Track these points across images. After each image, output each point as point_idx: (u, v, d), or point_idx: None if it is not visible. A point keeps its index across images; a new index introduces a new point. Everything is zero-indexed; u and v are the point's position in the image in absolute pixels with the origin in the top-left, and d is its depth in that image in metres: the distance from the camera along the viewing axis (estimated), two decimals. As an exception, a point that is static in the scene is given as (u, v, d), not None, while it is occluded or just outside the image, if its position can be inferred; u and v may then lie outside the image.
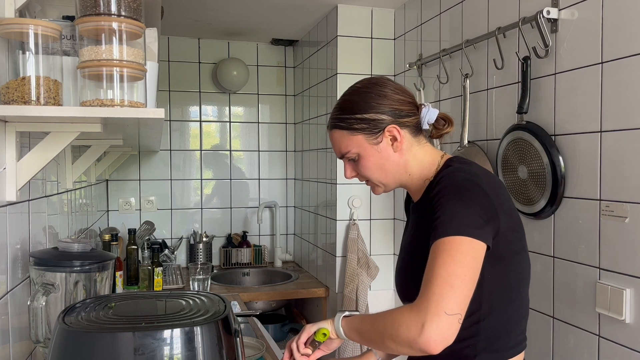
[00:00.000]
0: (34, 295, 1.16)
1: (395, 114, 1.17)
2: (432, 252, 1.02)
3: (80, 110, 0.96)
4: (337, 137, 1.21)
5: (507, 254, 1.10)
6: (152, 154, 3.37)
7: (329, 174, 2.88)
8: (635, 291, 1.42)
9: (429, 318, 0.96)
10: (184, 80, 3.42)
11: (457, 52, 2.17)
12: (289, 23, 3.10)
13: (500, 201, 1.08)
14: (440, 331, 0.96)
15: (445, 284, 0.97)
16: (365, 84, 1.21)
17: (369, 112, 1.16)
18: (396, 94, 1.18)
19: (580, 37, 1.60)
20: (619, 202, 1.46)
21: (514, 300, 1.14)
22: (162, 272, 2.69)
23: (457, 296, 0.97)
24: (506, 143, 1.83)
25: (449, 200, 1.05)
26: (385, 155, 1.18)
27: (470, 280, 0.99)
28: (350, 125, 1.17)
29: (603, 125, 1.51)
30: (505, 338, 1.12)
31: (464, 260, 0.99)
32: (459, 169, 1.14)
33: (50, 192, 1.60)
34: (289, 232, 3.67)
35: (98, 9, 0.93)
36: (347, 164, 1.25)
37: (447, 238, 1.01)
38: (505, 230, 1.08)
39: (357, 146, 1.18)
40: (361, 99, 1.18)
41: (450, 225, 1.02)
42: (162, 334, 0.90)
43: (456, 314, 0.97)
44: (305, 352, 1.21)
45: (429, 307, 0.97)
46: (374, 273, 2.74)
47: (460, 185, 1.07)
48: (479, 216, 1.03)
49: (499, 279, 1.10)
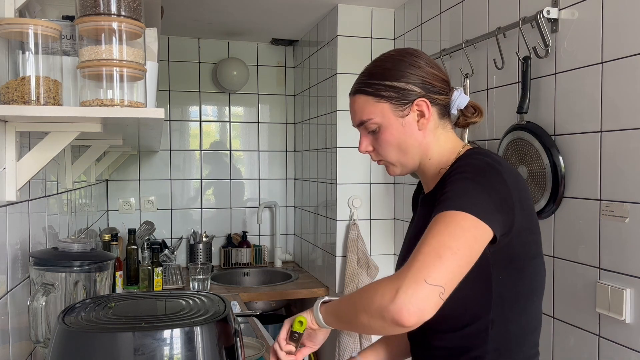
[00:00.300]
0: (34, 295, 1.16)
1: (426, 88, 1.08)
2: (428, 227, 0.93)
3: (80, 110, 0.96)
4: (360, 103, 1.11)
5: (522, 256, 1.02)
6: (152, 154, 3.37)
7: (329, 174, 2.88)
8: (635, 291, 1.42)
9: (405, 283, 0.85)
10: (184, 80, 3.42)
11: (457, 52, 2.17)
12: (289, 23, 3.10)
13: (520, 197, 0.99)
14: (415, 300, 0.84)
15: (432, 252, 0.87)
16: (399, 52, 1.12)
17: (400, 80, 1.07)
18: (431, 67, 1.10)
19: (580, 37, 1.60)
20: (619, 202, 1.46)
21: (527, 308, 1.05)
22: (162, 272, 2.69)
23: (444, 268, 0.86)
24: (506, 143, 1.83)
25: (460, 179, 0.97)
26: (409, 131, 1.08)
27: (463, 257, 0.89)
28: (378, 92, 1.08)
29: (603, 125, 1.51)
30: (516, 350, 1.04)
31: (462, 235, 0.89)
32: (480, 152, 1.06)
33: (50, 192, 1.60)
34: (289, 232, 3.67)
35: (98, 8, 0.93)
36: (364, 136, 1.14)
37: (448, 211, 0.91)
38: (521, 229, 0.99)
39: (381, 115, 1.08)
40: (393, 66, 1.09)
41: (454, 201, 0.93)
42: (162, 334, 0.90)
43: (438, 285, 0.85)
44: (288, 349, 1.11)
45: (409, 273, 0.87)
46: (374, 273, 2.74)
47: (478, 167, 0.99)
48: (491, 201, 0.94)
49: (511, 284, 1.01)
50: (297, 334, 1.10)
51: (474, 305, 1.01)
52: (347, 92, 1.15)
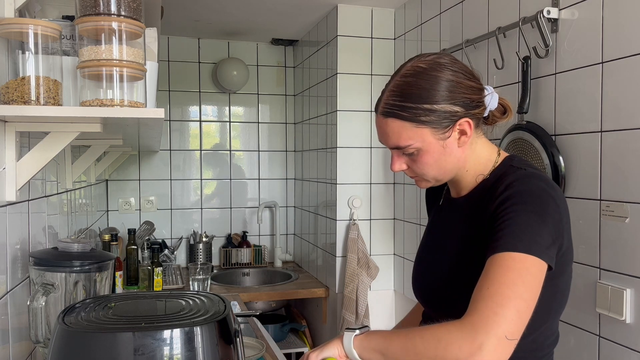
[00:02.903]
0: (34, 295, 1.16)
1: (468, 105, 1.01)
2: (495, 265, 0.90)
3: (80, 110, 0.96)
4: (396, 129, 1.02)
5: (559, 274, 1.01)
6: (152, 154, 3.37)
7: (329, 174, 2.88)
8: (635, 291, 1.42)
9: (490, 340, 0.84)
10: (184, 80, 3.42)
11: (457, 52, 2.17)
12: (289, 23, 3.10)
13: (567, 219, 0.99)
14: (497, 356, 0.85)
15: (510, 305, 0.86)
16: (432, 65, 1.01)
17: (440, 102, 0.99)
18: (468, 79, 1.02)
19: (580, 37, 1.59)
20: (619, 202, 1.46)
21: (552, 321, 1.05)
22: (162, 272, 2.69)
23: (521, 322, 0.87)
24: (506, 143, 1.83)
25: (524, 211, 0.93)
26: (448, 151, 1.03)
27: (532, 305, 0.90)
28: (416, 117, 0.99)
29: (603, 125, 1.51)
30: (538, 357, 1.05)
31: (533, 283, 0.89)
32: (533, 175, 1.00)
33: (50, 192, 1.60)
34: (289, 232, 3.67)
35: (98, 8, 0.93)
36: (398, 157, 1.07)
37: (517, 254, 0.89)
38: (565, 250, 0.99)
39: (421, 140, 1.01)
40: (430, 85, 0.99)
41: (522, 240, 0.90)
42: (162, 334, 0.90)
43: (515, 340, 0.87)
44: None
45: (491, 327, 0.85)
46: (374, 273, 2.74)
47: (539, 196, 0.95)
48: (550, 235, 0.93)
49: (545, 299, 0.98)
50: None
51: None
52: (347, 91, 1.09)
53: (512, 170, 1.02)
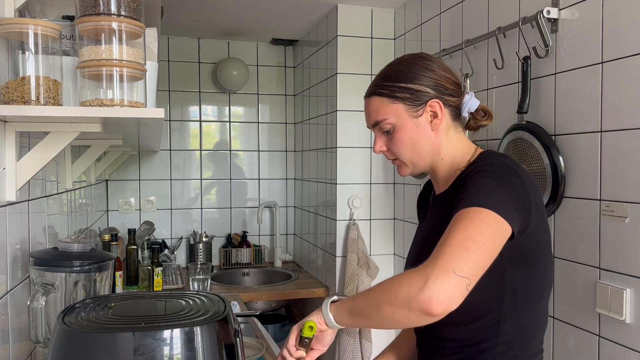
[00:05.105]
0: (34, 295, 1.16)
1: (439, 90, 1.12)
2: (452, 221, 0.96)
3: (80, 110, 0.96)
4: (375, 104, 1.15)
5: (535, 254, 1.05)
6: (152, 154, 3.37)
7: (329, 174, 2.88)
8: (635, 291, 1.42)
9: (435, 273, 0.88)
10: (184, 80, 3.42)
11: (457, 52, 2.17)
12: (289, 23, 3.10)
13: (535, 197, 1.03)
14: (444, 289, 0.87)
15: (459, 245, 0.90)
16: (412, 56, 1.17)
17: (414, 82, 1.12)
18: (443, 70, 1.14)
19: (580, 37, 1.59)
20: (619, 202, 1.46)
21: (536, 305, 1.08)
22: (162, 272, 2.69)
23: (471, 260, 0.90)
24: (506, 143, 1.83)
25: (481, 177, 1.00)
26: (422, 131, 1.12)
27: (487, 252, 0.92)
28: (392, 93, 1.12)
29: (603, 125, 1.51)
30: (524, 345, 1.07)
31: (486, 230, 0.92)
32: (499, 154, 1.10)
33: (50, 192, 1.60)
34: (288, 232, 3.67)
35: (98, 8, 0.93)
36: (378, 136, 1.18)
37: (472, 208, 0.95)
38: (535, 227, 1.02)
39: (396, 116, 1.12)
40: (407, 68, 1.13)
41: (478, 197, 0.96)
42: (162, 334, 0.90)
43: (465, 277, 0.89)
44: (299, 355, 1.10)
45: (437, 264, 0.89)
46: (374, 273, 2.74)
47: (497, 167, 1.03)
48: (510, 199, 0.97)
49: (524, 280, 1.04)
50: (307, 339, 1.09)
51: (487, 299, 1.04)
52: (347, 91, 1.16)
53: (482, 158, 1.10)
